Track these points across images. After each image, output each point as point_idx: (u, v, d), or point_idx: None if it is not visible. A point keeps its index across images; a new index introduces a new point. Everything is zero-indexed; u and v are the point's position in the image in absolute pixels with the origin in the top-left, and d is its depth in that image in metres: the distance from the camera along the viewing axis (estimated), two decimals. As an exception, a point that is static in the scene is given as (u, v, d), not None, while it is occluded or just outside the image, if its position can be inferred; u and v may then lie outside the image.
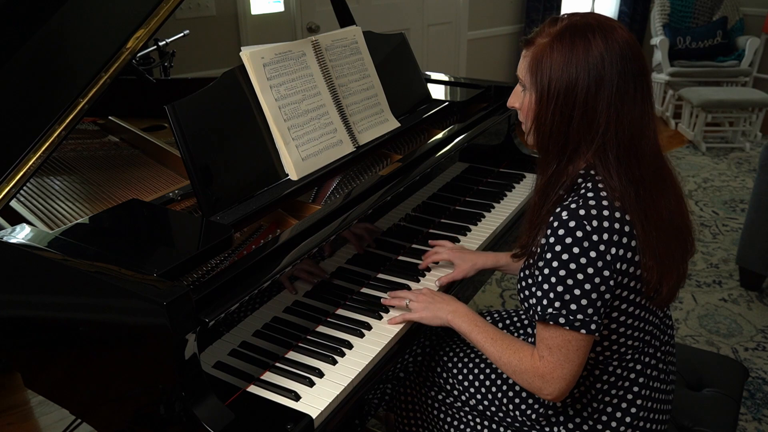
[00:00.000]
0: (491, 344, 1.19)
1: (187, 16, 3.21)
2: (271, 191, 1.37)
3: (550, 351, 1.08)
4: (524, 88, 1.14)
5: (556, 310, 1.05)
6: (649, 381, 1.21)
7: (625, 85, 1.04)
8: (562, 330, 1.06)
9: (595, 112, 1.05)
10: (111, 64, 1.30)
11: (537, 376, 1.10)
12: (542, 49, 1.08)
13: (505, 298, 2.86)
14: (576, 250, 1.03)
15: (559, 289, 1.05)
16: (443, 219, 1.79)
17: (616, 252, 1.04)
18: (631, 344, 1.17)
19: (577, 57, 1.04)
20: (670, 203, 1.13)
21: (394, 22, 4.09)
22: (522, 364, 1.12)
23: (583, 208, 1.04)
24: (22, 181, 1.24)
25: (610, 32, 1.06)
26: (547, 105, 1.08)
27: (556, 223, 1.05)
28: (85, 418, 1.32)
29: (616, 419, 1.21)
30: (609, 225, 1.04)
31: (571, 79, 1.05)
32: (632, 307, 1.12)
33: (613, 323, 1.13)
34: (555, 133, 1.09)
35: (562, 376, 1.08)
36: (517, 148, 2.14)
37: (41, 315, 1.21)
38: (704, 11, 5.19)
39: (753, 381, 2.28)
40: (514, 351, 1.15)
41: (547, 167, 1.13)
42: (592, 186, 1.07)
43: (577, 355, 1.07)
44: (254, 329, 1.20)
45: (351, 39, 1.69)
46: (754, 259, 2.75)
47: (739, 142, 4.68)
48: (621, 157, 1.06)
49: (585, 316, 1.04)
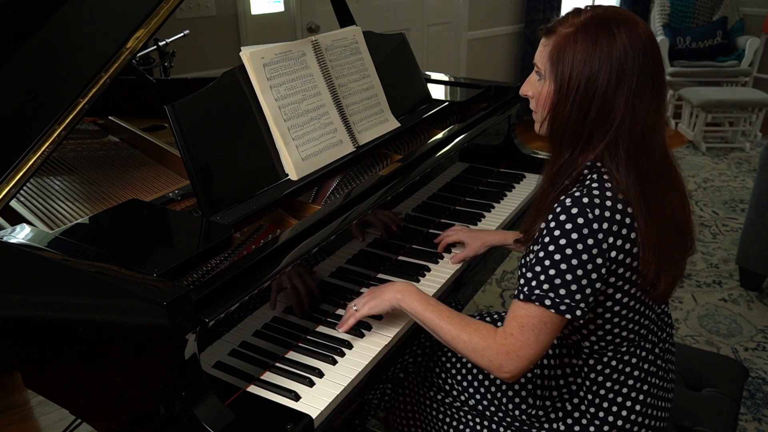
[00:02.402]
0: (447, 322, 1.15)
1: (187, 16, 3.21)
2: (271, 191, 1.37)
3: (521, 329, 1.06)
4: (540, 77, 1.14)
5: (543, 292, 1.05)
6: (646, 376, 1.21)
7: (644, 81, 1.05)
8: (542, 310, 1.05)
9: (612, 105, 1.05)
10: (111, 64, 1.30)
11: (501, 353, 1.07)
12: (565, 38, 1.08)
13: (505, 298, 2.86)
14: (574, 236, 1.03)
15: (551, 272, 1.04)
16: (443, 219, 1.79)
17: (614, 241, 1.05)
18: (625, 336, 1.17)
19: (601, 49, 1.04)
20: (673, 202, 1.13)
21: (394, 22, 4.09)
22: (485, 341, 1.09)
23: (587, 196, 1.05)
24: (22, 181, 1.24)
25: (634, 26, 1.06)
26: (567, 96, 1.07)
27: (558, 209, 1.06)
28: (85, 418, 1.32)
29: (613, 413, 1.21)
30: (610, 215, 1.04)
31: (593, 71, 1.05)
32: (626, 297, 1.12)
33: (607, 312, 1.13)
34: (571, 124, 1.08)
35: (526, 356, 1.06)
36: (517, 148, 2.14)
37: (41, 315, 1.21)
38: (704, 11, 5.19)
39: (753, 381, 2.28)
40: (475, 328, 1.12)
41: (559, 156, 1.13)
42: (597, 177, 1.08)
43: (547, 337, 1.06)
44: (254, 329, 1.20)
45: (351, 39, 1.68)
46: (754, 259, 2.75)
47: (739, 142, 4.68)
48: (631, 152, 1.07)
49: (572, 301, 1.04)
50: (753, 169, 4.21)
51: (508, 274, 3.04)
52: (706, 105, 4.44)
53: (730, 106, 4.51)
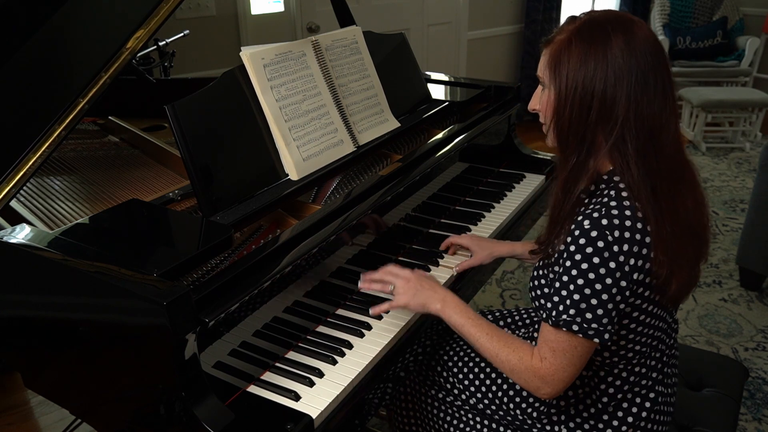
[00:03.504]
0: (487, 339, 1.16)
1: (187, 16, 3.21)
2: (271, 191, 1.37)
3: (553, 354, 1.08)
4: (544, 87, 1.14)
5: (571, 317, 1.05)
6: (654, 385, 1.22)
7: (644, 78, 1.04)
8: (572, 335, 1.06)
9: (613, 102, 1.05)
10: (111, 64, 1.30)
11: (537, 376, 1.09)
12: (561, 45, 1.08)
13: (505, 298, 2.86)
14: (596, 260, 1.02)
15: (576, 297, 1.04)
16: (443, 219, 1.79)
17: (635, 263, 1.04)
18: (638, 349, 1.17)
19: (596, 50, 1.04)
20: (687, 203, 1.11)
21: (394, 22, 4.09)
22: (522, 363, 1.11)
23: (606, 217, 1.03)
24: (22, 181, 1.24)
25: (629, 26, 1.06)
26: (566, 98, 1.07)
27: (577, 231, 1.05)
28: (85, 418, 1.32)
29: (618, 419, 1.21)
30: (630, 236, 1.03)
31: (588, 70, 1.05)
32: (643, 315, 1.12)
33: (623, 329, 1.13)
34: (574, 125, 1.08)
35: (562, 379, 1.08)
36: (517, 148, 2.14)
37: (41, 315, 1.21)
38: (704, 11, 5.19)
39: (753, 381, 2.28)
40: (513, 349, 1.14)
41: (567, 161, 1.12)
42: (615, 194, 1.07)
43: (580, 360, 1.07)
44: (254, 329, 1.19)
45: (351, 39, 1.68)
46: (754, 259, 2.75)
47: (739, 142, 4.68)
48: (640, 149, 1.06)
49: (599, 326, 1.04)
50: (753, 169, 4.21)
51: (508, 274, 3.03)
52: (706, 105, 4.44)
53: (730, 106, 4.51)
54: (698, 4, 5.17)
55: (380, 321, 1.33)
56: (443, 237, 1.67)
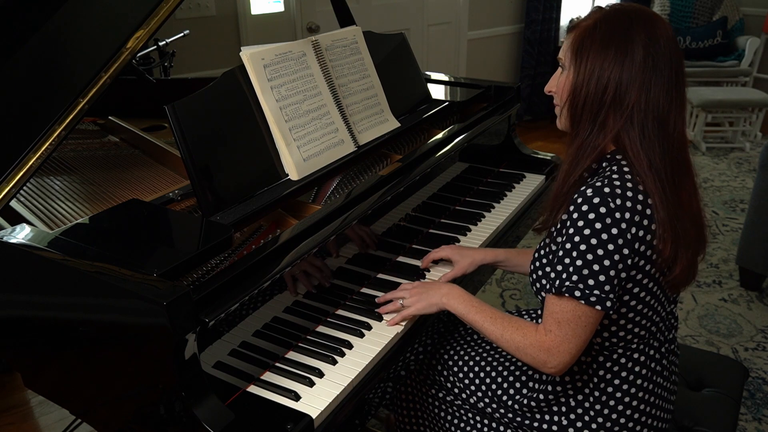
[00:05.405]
0: (491, 323, 1.20)
1: (187, 16, 3.21)
2: (271, 191, 1.37)
3: (558, 325, 1.10)
4: (563, 70, 1.18)
5: (573, 283, 1.07)
6: (652, 375, 1.23)
7: (661, 67, 1.09)
8: (575, 304, 1.07)
9: (627, 89, 1.09)
10: (111, 64, 1.30)
11: (543, 349, 1.11)
12: (585, 30, 1.14)
13: (505, 298, 2.86)
14: (598, 226, 1.05)
15: (579, 263, 1.07)
16: (443, 219, 1.79)
17: (636, 232, 1.06)
18: (637, 332, 1.19)
19: (618, 39, 1.09)
20: (689, 189, 1.16)
21: (394, 22, 4.09)
22: (526, 338, 1.14)
23: (608, 186, 1.07)
24: (22, 181, 1.24)
25: (652, 21, 1.11)
26: (584, 80, 1.12)
27: (580, 199, 1.08)
28: (85, 418, 1.32)
29: (618, 411, 1.22)
30: (632, 205, 1.06)
31: (609, 57, 1.09)
32: (643, 291, 1.14)
33: (623, 307, 1.15)
34: (588, 105, 1.12)
35: (568, 350, 1.09)
36: (517, 148, 2.14)
37: (41, 315, 1.21)
38: (704, 11, 5.19)
39: (753, 381, 2.28)
40: (516, 327, 1.16)
41: (577, 136, 1.16)
42: (617, 169, 1.11)
43: (585, 330, 1.09)
44: (254, 329, 1.20)
45: (351, 39, 1.68)
46: (754, 259, 2.75)
47: (739, 142, 4.68)
48: (646, 132, 1.10)
49: (601, 292, 1.06)
50: (753, 169, 4.21)
51: (507, 274, 3.03)
52: (706, 105, 4.44)
53: (730, 106, 4.51)
54: (698, 4, 5.17)
55: (380, 321, 1.33)
56: (443, 237, 1.67)
